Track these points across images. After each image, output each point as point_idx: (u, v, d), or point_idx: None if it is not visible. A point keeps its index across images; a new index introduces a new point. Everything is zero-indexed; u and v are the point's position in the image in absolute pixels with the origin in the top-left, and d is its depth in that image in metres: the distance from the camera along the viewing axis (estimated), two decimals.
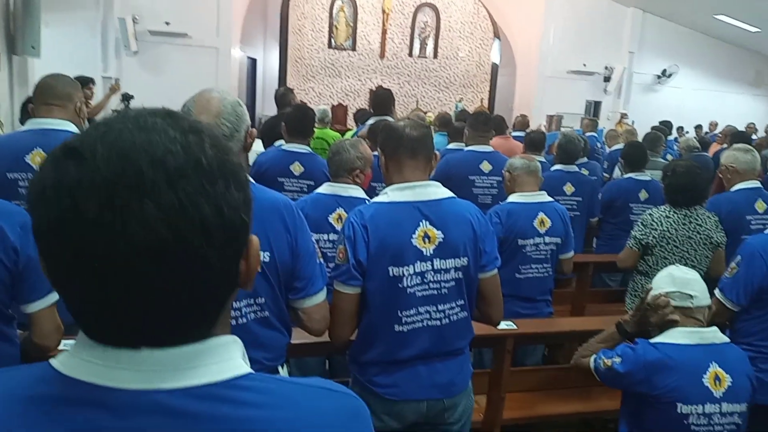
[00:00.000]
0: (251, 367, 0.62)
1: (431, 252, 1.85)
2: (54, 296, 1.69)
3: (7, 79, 6.53)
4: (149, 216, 0.51)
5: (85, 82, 5.56)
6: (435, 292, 1.88)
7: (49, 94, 2.39)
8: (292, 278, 1.65)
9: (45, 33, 6.86)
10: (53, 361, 0.59)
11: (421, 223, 1.85)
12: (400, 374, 1.90)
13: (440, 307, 1.89)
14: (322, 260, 1.73)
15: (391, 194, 1.89)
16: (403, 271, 1.83)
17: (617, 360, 1.99)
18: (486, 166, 3.93)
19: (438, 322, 1.89)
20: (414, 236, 1.84)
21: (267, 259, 1.57)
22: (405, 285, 1.84)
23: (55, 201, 0.53)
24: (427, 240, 1.85)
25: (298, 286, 1.66)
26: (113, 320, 0.56)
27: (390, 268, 1.83)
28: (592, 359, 2.12)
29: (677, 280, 2.07)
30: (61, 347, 1.78)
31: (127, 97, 9.01)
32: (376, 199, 1.95)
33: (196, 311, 0.58)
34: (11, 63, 6.63)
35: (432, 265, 1.86)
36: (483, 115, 4.39)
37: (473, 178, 3.97)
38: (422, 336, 1.88)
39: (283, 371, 1.77)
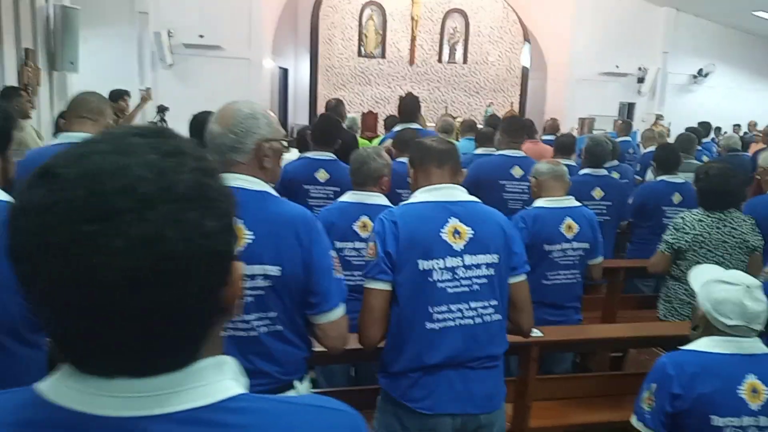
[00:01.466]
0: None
1: (462, 247, 1.85)
2: None
3: (47, 93, 6.78)
4: (115, 247, 0.50)
5: (120, 94, 5.73)
6: (467, 288, 1.85)
7: (83, 108, 2.46)
8: (306, 293, 1.63)
9: (83, 48, 7.10)
10: (39, 387, 0.58)
11: (450, 219, 1.86)
12: (432, 383, 1.84)
13: (472, 305, 1.86)
14: (341, 276, 1.71)
15: (419, 196, 1.94)
16: (433, 265, 1.82)
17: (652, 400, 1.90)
18: (517, 171, 3.90)
19: (471, 321, 1.86)
20: (443, 230, 1.84)
21: (278, 273, 1.57)
22: (435, 279, 1.82)
23: (24, 227, 0.52)
24: (457, 235, 1.85)
25: (313, 301, 1.64)
26: (88, 350, 0.55)
27: (419, 262, 1.82)
28: (634, 419, 1.97)
29: (748, 314, 1.86)
30: None
31: (162, 109, 9.24)
32: (404, 202, 1.99)
33: (173, 341, 0.56)
34: (51, 78, 6.88)
35: (463, 260, 1.84)
36: (518, 120, 4.35)
37: (504, 182, 3.94)
38: (454, 335, 1.84)
39: (302, 385, 1.73)
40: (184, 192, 0.54)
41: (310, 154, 3.63)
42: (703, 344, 1.92)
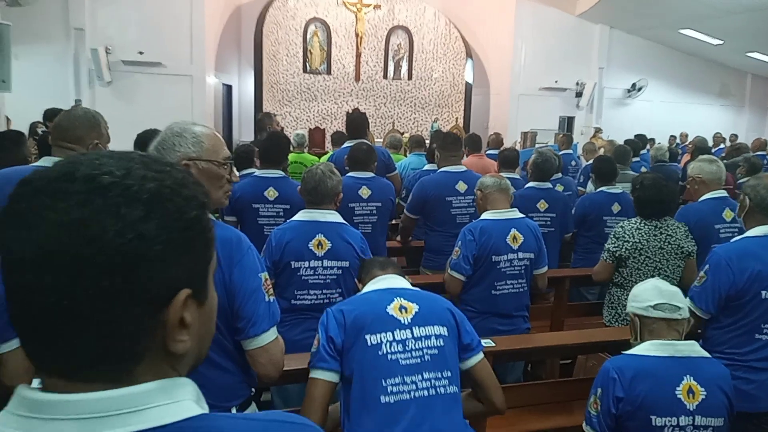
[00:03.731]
0: None
1: (409, 320, 1.84)
2: None
3: None
4: (57, 221, 0.53)
5: (55, 113, 5.53)
6: (418, 360, 1.80)
7: (61, 137, 2.41)
8: (231, 317, 1.59)
9: (15, 66, 6.82)
10: None
11: (395, 299, 1.88)
12: None
13: (425, 376, 1.80)
14: (272, 299, 1.66)
15: (364, 289, 2.02)
16: (381, 338, 1.79)
17: (598, 404, 1.97)
18: (462, 186, 3.95)
19: (425, 392, 1.78)
20: (390, 306, 1.85)
21: None
22: (385, 351, 1.78)
23: (11, 194, 0.57)
24: (403, 310, 1.85)
25: (239, 326, 1.60)
26: (28, 336, 0.57)
27: (368, 337, 1.79)
28: (584, 424, 2.05)
29: (665, 293, 2.08)
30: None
31: None
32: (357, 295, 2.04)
33: (100, 344, 0.56)
34: None
35: (412, 332, 1.82)
36: (451, 135, 4.41)
37: (450, 199, 3.98)
38: (410, 408, 1.77)
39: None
40: (138, 192, 0.56)
41: (258, 172, 3.60)
42: (643, 348, 2.02)
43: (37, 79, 8.97)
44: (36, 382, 1.72)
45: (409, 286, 2.00)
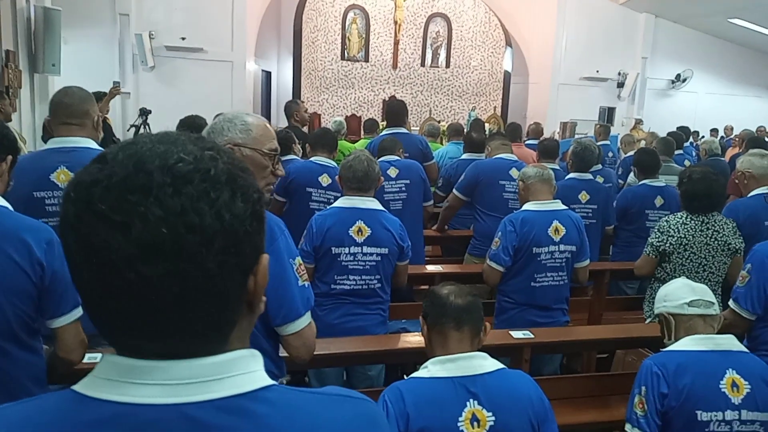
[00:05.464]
0: None
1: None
2: (78, 311, 1.73)
3: (29, 96, 6.67)
4: (152, 215, 0.54)
5: (100, 97, 5.67)
6: None
7: (65, 114, 2.38)
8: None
9: (64, 50, 7.00)
10: (76, 387, 0.60)
11: (468, 403, 1.65)
12: None
13: None
14: (306, 284, 1.66)
15: (431, 368, 1.72)
16: None
17: (644, 404, 1.93)
18: (515, 173, 3.99)
19: None
20: (461, 420, 1.63)
21: None
22: None
23: (75, 198, 0.57)
24: (476, 424, 1.63)
25: (271, 314, 1.62)
26: (122, 327, 0.58)
27: None
28: (628, 426, 1.99)
29: (696, 289, 2.07)
30: (85, 360, 1.82)
31: (144, 112, 9.14)
32: (415, 374, 1.77)
33: (204, 320, 0.59)
34: (32, 80, 6.78)
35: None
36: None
37: (503, 183, 4.04)
38: None
39: None
40: (218, 175, 0.58)
41: (313, 159, 3.70)
42: (682, 344, 1.99)
43: (84, 63, 9.17)
44: (88, 356, 1.78)
45: (486, 369, 1.71)
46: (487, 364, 1.72)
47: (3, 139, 1.76)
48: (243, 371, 0.61)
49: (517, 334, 2.62)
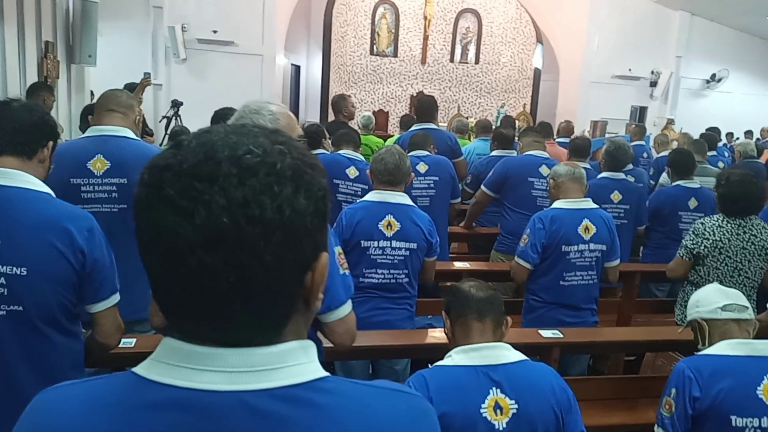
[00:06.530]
0: None
1: (503, 426, 1.65)
2: (116, 297, 1.77)
3: (66, 86, 6.81)
4: (216, 204, 0.55)
5: (134, 88, 5.77)
6: None
7: (113, 102, 2.51)
8: None
9: (99, 41, 7.13)
10: (136, 369, 0.61)
11: (491, 391, 1.67)
12: None
13: None
14: (347, 272, 1.69)
15: (455, 357, 1.75)
16: None
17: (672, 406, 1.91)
18: (545, 170, 3.96)
19: None
20: (484, 407, 1.65)
21: None
22: None
23: (148, 181, 0.59)
24: (499, 412, 1.65)
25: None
26: (186, 309, 0.60)
27: None
28: (656, 427, 1.98)
29: (729, 294, 2.05)
30: (121, 345, 1.86)
31: (176, 104, 9.27)
32: (439, 363, 1.79)
33: (259, 311, 0.60)
34: (69, 71, 6.92)
35: None
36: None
37: (533, 180, 4.01)
38: None
39: None
40: (283, 169, 0.59)
41: (341, 152, 3.72)
42: (718, 348, 1.95)
43: (118, 54, 9.32)
44: (123, 341, 1.82)
45: (509, 359, 1.73)
46: (511, 354, 1.75)
47: (44, 126, 1.80)
48: (298, 362, 0.62)
49: (547, 334, 2.61)
